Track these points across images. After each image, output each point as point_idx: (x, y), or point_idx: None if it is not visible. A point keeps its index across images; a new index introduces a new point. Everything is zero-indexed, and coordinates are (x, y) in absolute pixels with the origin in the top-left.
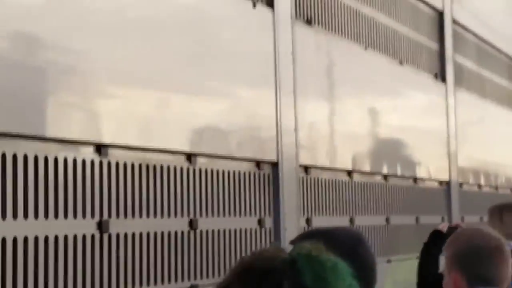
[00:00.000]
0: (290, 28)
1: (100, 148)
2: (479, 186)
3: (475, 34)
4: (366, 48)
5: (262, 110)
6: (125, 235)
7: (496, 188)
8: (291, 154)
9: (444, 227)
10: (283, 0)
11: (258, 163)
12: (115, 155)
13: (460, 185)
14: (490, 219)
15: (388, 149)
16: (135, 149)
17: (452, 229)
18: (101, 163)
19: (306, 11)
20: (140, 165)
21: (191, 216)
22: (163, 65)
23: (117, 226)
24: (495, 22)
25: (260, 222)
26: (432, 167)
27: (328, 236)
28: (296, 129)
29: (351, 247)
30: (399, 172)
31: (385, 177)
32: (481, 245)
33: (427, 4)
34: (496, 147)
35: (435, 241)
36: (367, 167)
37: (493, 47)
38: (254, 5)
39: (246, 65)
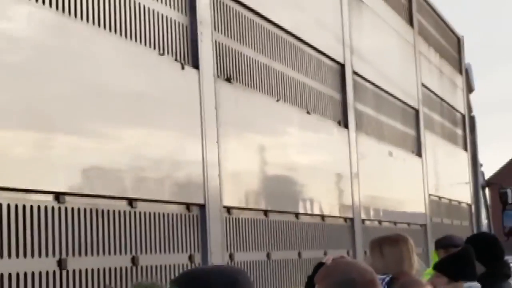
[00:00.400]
0: (213, 85)
1: (58, 196)
2: (380, 221)
3: (373, 83)
4: (278, 100)
5: (190, 159)
6: (80, 271)
7: (395, 223)
8: (216, 197)
9: (328, 259)
10: (207, 62)
11: (188, 206)
12: (71, 202)
13: (363, 221)
14: (371, 252)
15: (299, 190)
16: (87, 196)
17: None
18: (59, 209)
19: (226, 71)
20: (90, 210)
21: (133, 253)
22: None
23: (74, 263)
24: (390, 72)
25: (191, 257)
26: (337, 206)
27: (204, 279)
28: (219, 175)
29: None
30: (309, 211)
31: (297, 215)
32: (356, 279)
33: (330, 58)
34: (393, 185)
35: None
36: (281, 207)
37: (389, 94)
38: (183, 67)
39: (177, 120)
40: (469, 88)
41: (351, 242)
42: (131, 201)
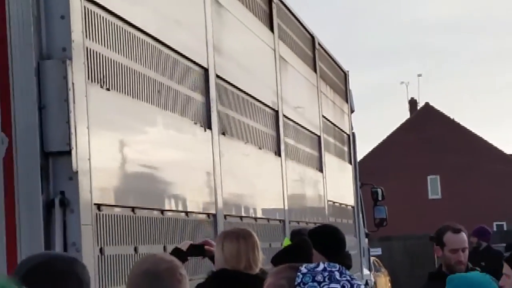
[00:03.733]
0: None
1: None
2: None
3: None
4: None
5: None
6: None
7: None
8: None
9: (184, 245)
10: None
11: None
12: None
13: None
14: (215, 247)
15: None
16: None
17: (195, 247)
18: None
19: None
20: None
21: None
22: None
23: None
24: (302, 111)
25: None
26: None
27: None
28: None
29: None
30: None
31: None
32: (150, 269)
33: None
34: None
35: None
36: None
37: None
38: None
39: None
40: (351, 110)
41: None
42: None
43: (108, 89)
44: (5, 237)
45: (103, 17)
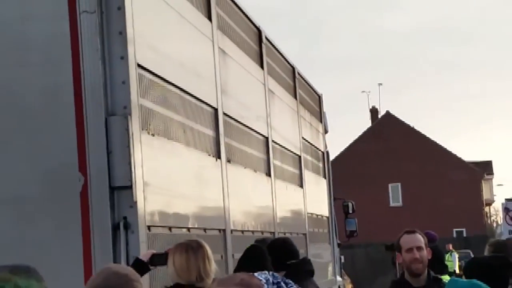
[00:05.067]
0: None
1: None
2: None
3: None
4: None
5: None
6: None
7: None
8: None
9: (146, 255)
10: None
11: None
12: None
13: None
14: (168, 261)
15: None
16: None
17: (157, 256)
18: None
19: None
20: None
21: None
22: None
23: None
24: (286, 136)
25: None
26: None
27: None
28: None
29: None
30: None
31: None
32: (100, 285)
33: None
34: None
35: (135, 269)
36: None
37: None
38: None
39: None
40: (325, 130)
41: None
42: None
43: (153, 135)
44: (82, 252)
45: (148, 79)
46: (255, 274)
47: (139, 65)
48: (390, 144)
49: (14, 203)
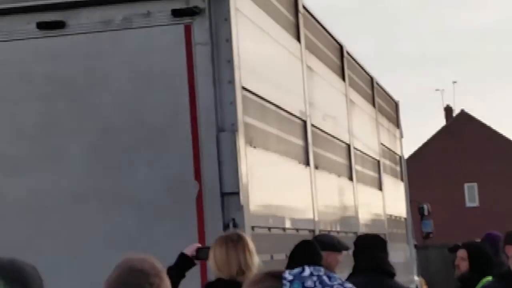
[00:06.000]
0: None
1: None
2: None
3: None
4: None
5: None
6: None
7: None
8: None
9: (191, 249)
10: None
11: None
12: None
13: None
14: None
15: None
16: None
17: (202, 250)
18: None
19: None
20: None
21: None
22: None
23: None
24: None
25: None
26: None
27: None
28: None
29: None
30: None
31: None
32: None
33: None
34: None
35: (180, 264)
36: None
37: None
38: None
39: None
40: (401, 135)
41: None
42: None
43: (254, 147)
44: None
45: (250, 98)
46: (288, 270)
47: (243, 88)
48: (465, 143)
49: (140, 206)
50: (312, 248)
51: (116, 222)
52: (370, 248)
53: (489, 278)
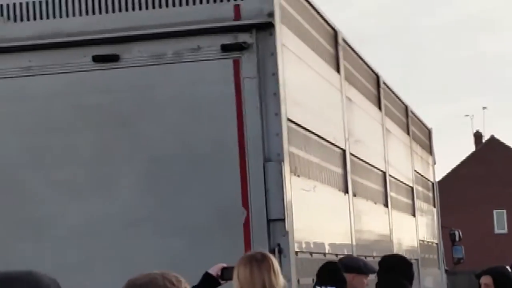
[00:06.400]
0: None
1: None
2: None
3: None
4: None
5: None
6: None
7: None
8: None
9: (216, 269)
10: (350, 189)
11: None
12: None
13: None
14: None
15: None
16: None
17: (227, 269)
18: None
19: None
20: None
21: None
22: None
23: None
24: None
25: None
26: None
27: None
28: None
29: None
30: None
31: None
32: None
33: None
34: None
35: (205, 283)
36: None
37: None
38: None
39: None
40: (434, 162)
41: None
42: None
43: (298, 176)
44: None
45: (294, 129)
46: None
47: (288, 119)
48: (495, 169)
49: (190, 231)
50: (335, 268)
51: (166, 246)
52: (394, 269)
53: None
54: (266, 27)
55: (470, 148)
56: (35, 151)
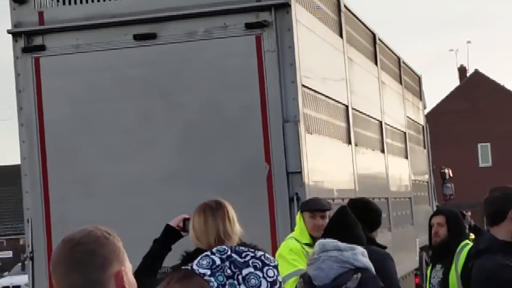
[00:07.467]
0: (354, 149)
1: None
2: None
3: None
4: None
5: None
6: None
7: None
8: None
9: (177, 221)
10: (352, 140)
11: None
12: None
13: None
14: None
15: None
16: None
17: (189, 220)
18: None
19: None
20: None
21: None
22: None
23: None
24: (392, 113)
25: None
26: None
27: None
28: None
29: None
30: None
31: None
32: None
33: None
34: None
35: (166, 235)
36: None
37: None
38: None
39: None
40: (424, 106)
41: None
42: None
43: (311, 133)
44: (269, 217)
45: (307, 93)
46: (195, 264)
47: (303, 85)
48: (479, 103)
49: (220, 184)
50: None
51: (199, 198)
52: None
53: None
54: (283, 7)
55: (455, 83)
56: (84, 119)
